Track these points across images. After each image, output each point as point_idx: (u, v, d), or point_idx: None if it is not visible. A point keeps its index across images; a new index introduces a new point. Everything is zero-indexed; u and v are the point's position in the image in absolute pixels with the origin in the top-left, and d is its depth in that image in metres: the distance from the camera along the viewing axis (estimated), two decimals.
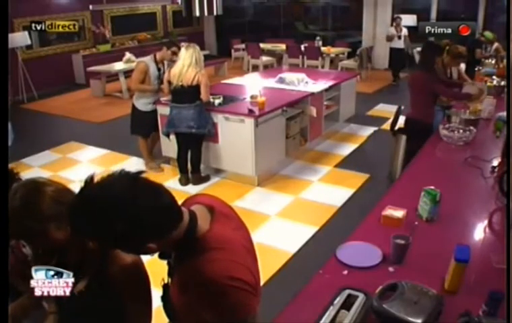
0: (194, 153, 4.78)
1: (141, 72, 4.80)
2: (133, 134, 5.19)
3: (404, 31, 9.48)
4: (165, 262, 1.26)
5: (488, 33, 7.17)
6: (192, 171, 4.82)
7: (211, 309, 1.09)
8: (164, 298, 1.25)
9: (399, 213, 2.15)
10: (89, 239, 1.10)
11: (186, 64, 4.38)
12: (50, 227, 1.32)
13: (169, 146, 5.08)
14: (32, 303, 1.43)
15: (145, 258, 1.64)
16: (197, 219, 1.17)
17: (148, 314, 1.45)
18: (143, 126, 5.04)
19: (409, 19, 10.00)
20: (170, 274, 1.25)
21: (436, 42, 4.63)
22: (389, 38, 9.68)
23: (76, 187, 1.09)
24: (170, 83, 4.50)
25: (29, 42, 8.82)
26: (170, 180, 4.87)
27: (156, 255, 1.21)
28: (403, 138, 4.48)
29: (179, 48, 4.77)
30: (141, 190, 1.05)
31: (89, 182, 1.06)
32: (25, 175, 1.66)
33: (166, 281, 1.26)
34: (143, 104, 4.95)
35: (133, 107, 5.05)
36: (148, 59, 4.88)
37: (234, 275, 1.10)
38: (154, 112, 5.01)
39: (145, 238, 1.06)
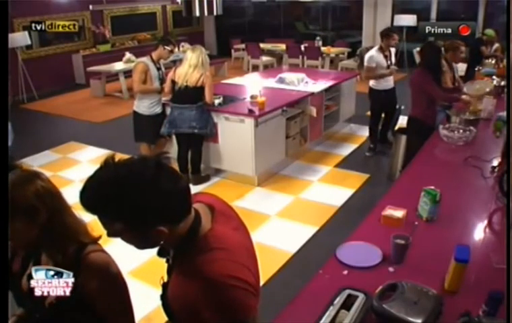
0: (194, 153, 4.78)
1: (141, 72, 4.58)
2: (137, 141, 4.88)
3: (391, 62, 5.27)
4: (163, 261, 1.26)
5: (489, 31, 7.18)
6: (192, 171, 4.81)
7: (211, 308, 1.09)
8: (164, 297, 1.25)
9: (399, 213, 2.15)
10: (104, 217, 1.09)
11: (193, 65, 4.39)
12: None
13: (169, 146, 5.07)
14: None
15: (144, 258, 1.64)
16: (201, 218, 1.18)
17: None
18: (149, 132, 4.73)
19: (409, 19, 10.02)
20: (169, 273, 1.25)
21: (439, 42, 4.60)
22: (368, 72, 5.25)
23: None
24: (173, 82, 4.50)
25: (29, 42, 8.82)
26: None
27: (156, 253, 1.21)
28: (403, 138, 4.49)
29: (174, 46, 4.74)
30: (162, 172, 1.09)
31: (110, 160, 1.09)
32: None
33: (165, 280, 1.26)
34: (146, 107, 4.67)
35: (135, 114, 4.75)
36: (146, 59, 4.69)
37: (235, 275, 1.10)
38: (159, 115, 4.71)
39: (159, 219, 1.08)
